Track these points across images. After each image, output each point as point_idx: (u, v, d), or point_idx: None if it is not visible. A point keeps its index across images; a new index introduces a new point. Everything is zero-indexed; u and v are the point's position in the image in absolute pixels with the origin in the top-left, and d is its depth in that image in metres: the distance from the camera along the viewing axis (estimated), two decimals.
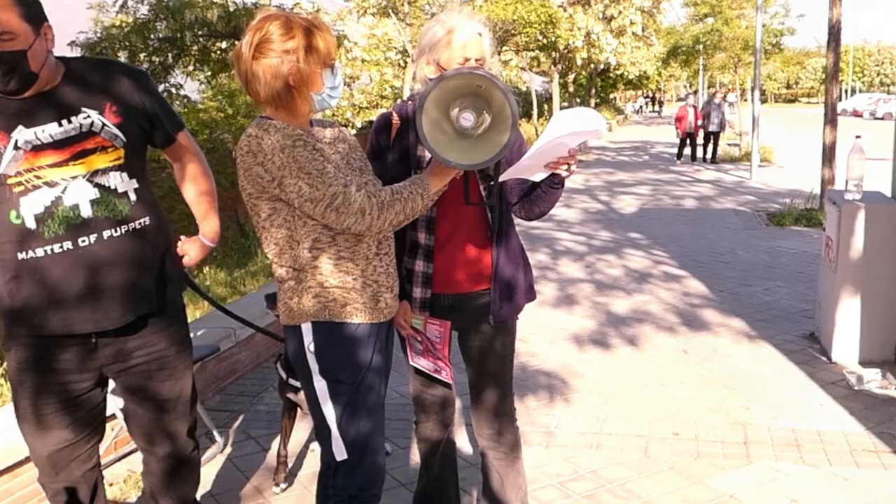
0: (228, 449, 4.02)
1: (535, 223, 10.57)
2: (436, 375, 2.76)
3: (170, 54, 8.96)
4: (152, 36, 8.60)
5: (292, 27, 2.15)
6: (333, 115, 14.60)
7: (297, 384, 3.37)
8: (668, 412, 4.33)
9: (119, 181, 2.41)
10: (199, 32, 8.97)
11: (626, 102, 61.10)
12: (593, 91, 38.75)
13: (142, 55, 8.93)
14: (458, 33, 2.50)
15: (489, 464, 2.88)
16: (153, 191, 2.66)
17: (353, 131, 14.71)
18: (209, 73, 9.93)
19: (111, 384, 2.67)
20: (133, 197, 2.44)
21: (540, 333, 5.80)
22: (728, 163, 19.16)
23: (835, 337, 4.98)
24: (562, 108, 26.50)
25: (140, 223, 2.45)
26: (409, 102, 2.68)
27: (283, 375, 3.58)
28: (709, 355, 5.25)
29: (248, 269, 8.37)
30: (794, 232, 9.80)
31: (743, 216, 11.18)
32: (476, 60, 2.48)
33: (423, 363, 2.75)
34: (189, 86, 10.85)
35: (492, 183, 2.48)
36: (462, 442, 3.83)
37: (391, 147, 2.61)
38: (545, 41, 18.68)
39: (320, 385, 2.29)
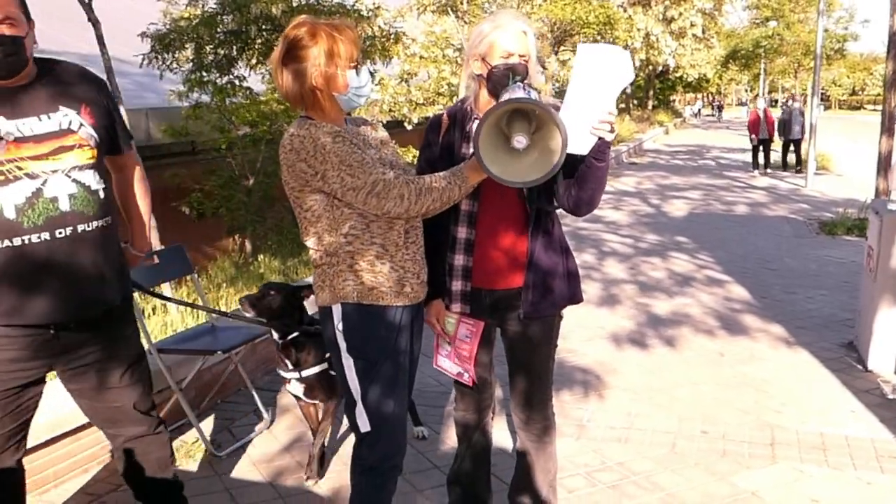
0: (276, 426, 4.25)
1: (583, 223, 10.75)
2: (458, 379, 2.94)
3: (234, 47, 9.22)
4: (219, 29, 8.87)
5: (316, 33, 2.37)
6: (391, 110, 14.84)
7: (291, 375, 3.54)
8: (699, 411, 4.44)
9: (93, 179, 2.52)
10: (264, 27, 9.23)
11: (685, 105, 60.39)
12: (651, 93, 38.52)
13: (208, 47, 9.20)
14: (503, 29, 2.65)
15: (521, 445, 3.04)
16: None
17: (410, 127, 14.90)
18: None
19: None
20: (102, 195, 2.56)
21: (579, 331, 5.93)
22: (783, 169, 18.92)
23: (872, 346, 5.02)
24: (618, 109, 26.57)
25: (106, 221, 2.58)
26: (461, 104, 2.86)
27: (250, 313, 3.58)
28: (745, 359, 5.33)
29: (301, 259, 8.64)
30: (844, 241, 9.73)
31: (794, 224, 11.12)
32: (519, 56, 2.62)
33: (447, 365, 2.93)
34: (251, 79, 11.13)
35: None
36: (500, 429, 3.99)
37: (439, 143, 2.80)
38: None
39: (348, 362, 2.50)
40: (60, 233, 2.43)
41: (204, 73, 9.17)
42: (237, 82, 9.34)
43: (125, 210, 2.93)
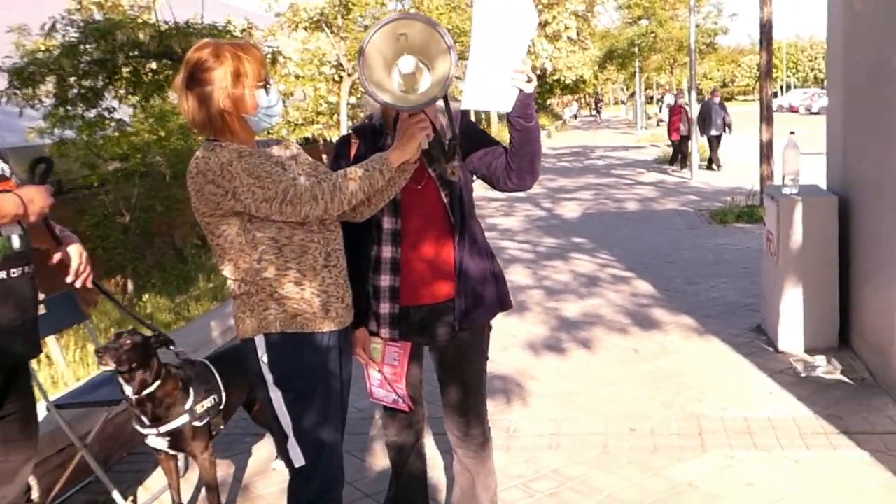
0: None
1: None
2: (393, 406, 2.91)
3: (100, 77, 8.92)
4: (82, 59, 8.56)
5: (220, 54, 2.33)
6: (269, 133, 14.62)
7: (150, 431, 3.31)
8: (624, 410, 4.53)
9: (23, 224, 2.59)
10: (132, 53, 8.98)
11: (563, 108, 62.00)
12: None
13: (71, 79, 8.88)
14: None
15: (459, 463, 3.02)
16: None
17: None
18: (141, 97, 9.92)
19: None
20: (17, 244, 2.59)
21: (493, 341, 5.94)
22: (667, 163, 19.67)
23: (780, 327, 5.25)
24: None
25: (31, 265, 2.64)
26: (368, 120, 2.84)
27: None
28: (659, 353, 5.48)
29: (190, 294, 8.39)
30: (736, 229, 10.17)
31: (686, 216, 11.55)
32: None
33: (381, 394, 2.90)
34: (122, 110, 10.82)
35: (452, 141, 2.54)
36: (432, 451, 3.96)
37: (350, 160, 2.75)
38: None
39: (276, 395, 2.44)
40: (13, 272, 2.55)
41: (69, 108, 8.83)
42: (106, 114, 9.01)
43: None
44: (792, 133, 5.45)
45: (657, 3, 24.68)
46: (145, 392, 3.22)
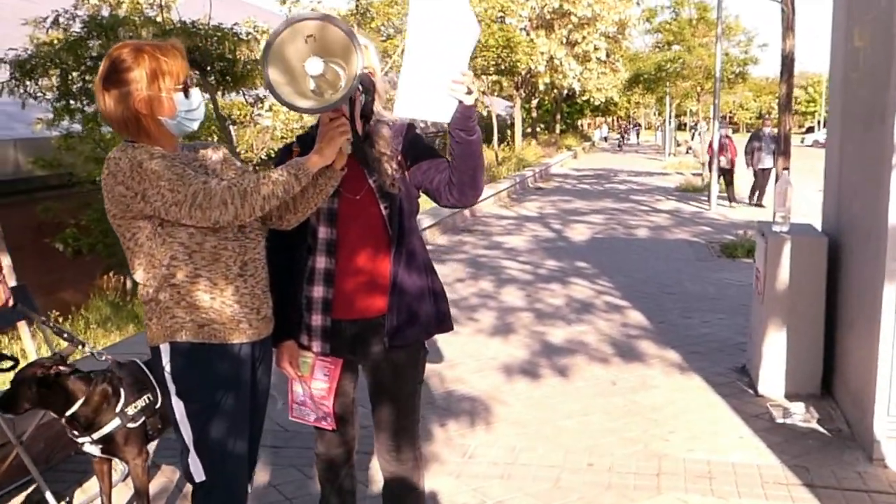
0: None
1: (482, 250, 10.79)
2: (318, 425, 2.86)
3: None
4: (85, 54, 8.61)
5: (138, 55, 2.30)
6: (283, 137, 14.65)
7: (83, 439, 3.26)
8: (587, 443, 4.44)
9: None
10: None
11: (594, 129, 61.86)
12: (558, 116, 39.37)
13: (74, 73, 8.93)
14: None
15: (387, 486, 2.95)
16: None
17: None
18: None
19: None
20: None
21: (469, 362, 5.90)
22: (690, 192, 19.52)
23: (761, 370, 5.14)
24: (524, 133, 26.60)
25: None
26: (313, 129, 2.80)
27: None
28: (637, 387, 5.38)
29: None
30: (744, 264, 10.01)
31: (696, 247, 11.42)
32: (363, 68, 2.60)
33: (304, 413, 2.84)
34: None
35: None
36: (360, 468, 3.91)
37: None
38: (504, 65, 18.95)
39: (178, 405, 2.40)
40: None
41: (71, 101, 8.88)
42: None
43: None
44: (786, 170, 5.35)
45: (686, 29, 24.56)
46: (68, 413, 3.20)
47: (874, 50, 4.43)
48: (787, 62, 10.61)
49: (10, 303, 3.36)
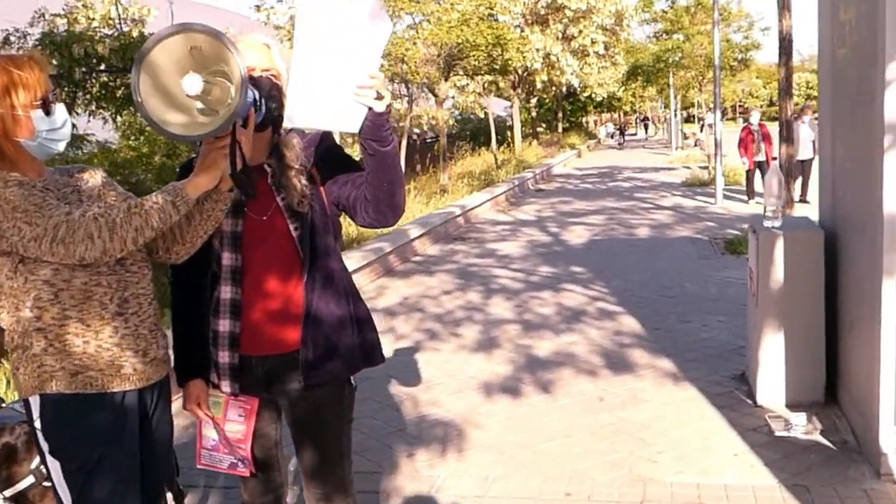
0: None
1: (474, 259, 10.52)
2: (231, 472, 2.61)
3: (63, 92, 8.74)
4: None
5: None
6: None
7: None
8: (567, 469, 4.16)
9: None
10: (100, 67, 8.83)
11: (600, 126, 61.48)
12: (560, 115, 39.10)
13: None
14: (241, 43, 2.38)
15: None
16: None
17: None
18: (113, 111, 9.77)
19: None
20: None
21: (447, 382, 5.62)
22: (696, 187, 19.20)
23: (759, 378, 4.85)
24: (522, 134, 26.33)
25: None
26: None
27: None
28: (625, 401, 5.09)
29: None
30: (748, 261, 9.71)
31: (699, 244, 11.11)
32: (263, 70, 2.36)
33: (215, 459, 2.60)
34: (94, 126, 10.71)
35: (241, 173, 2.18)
36: None
37: None
38: (494, 64, 18.68)
39: (54, 466, 2.15)
40: None
41: None
42: (74, 130, 8.83)
43: None
44: (774, 159, 5.06)
45: (684, 18, 24.22)
46: None
47: (860, 23, 4.14)
48: (785, 44, 10.29)
49: None
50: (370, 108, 2.20)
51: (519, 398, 5.27)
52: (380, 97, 2.19)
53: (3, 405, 3.13)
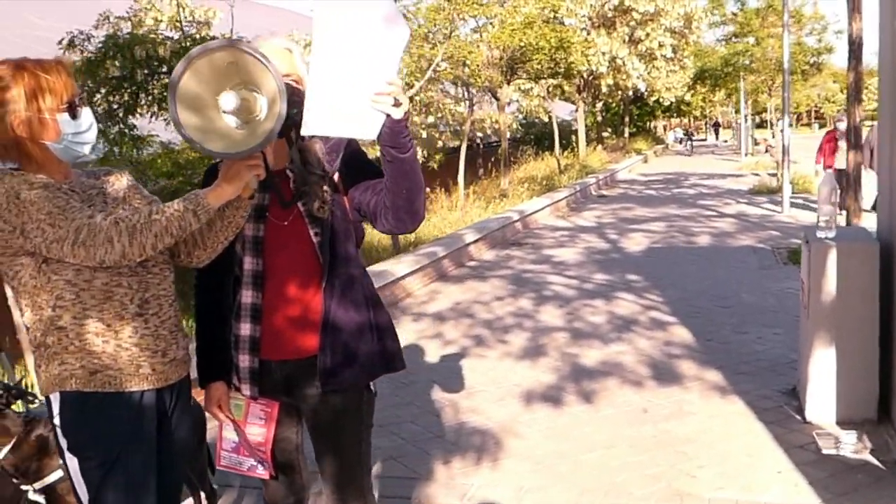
0: None
1: (528, 265, 10.48)
2: (250, 474, 2.65)
3: (126, 94, 8.94)
4: (104, 75, 8.58)
5: (15, 73, 2.13)
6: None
7: (27, 487, 3.13)
8: (605, 481, 4.11)
9: None
10: (161, 70, 9.02)
11: (668, 131, 60.59)
12: (627, 119, 38.72)
13: (97, 95, 8.93)
14: (261, 48, 2.42)
15: None
16: None
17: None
18: None
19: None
20: None
21: (490, 389, 5.62)
22: (763, 194, 18.82)
23: (809, 393, 4.73)
24: (587, 138, 26.08)
25: None
26: None
27: None
28: (670, 414, 5.02)
29: None
30: None
31: (761, 254, 10.90)
32: (284, 76, 2.39)
33: (235, 461, 2.64)
34: (156, 126, 10.98)
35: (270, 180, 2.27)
36: None
37: None
38: (558, 67, 18.57)
39: (72, 463, 2.22)
40: None
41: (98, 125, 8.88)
42: (127, 131, 9.01)
43: None
44: (828, 168, 4.94)
45: (754, 20, 23.73)
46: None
47: None
48: (855, 47, 10.02)
49: None
50: (388, 115, 2.22)
51: (561, 407, 5.24)
52: (397, 104, 2.19)
53: (39, 400, 3.23)
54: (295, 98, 2.36)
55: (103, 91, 8.92)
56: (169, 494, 2.43)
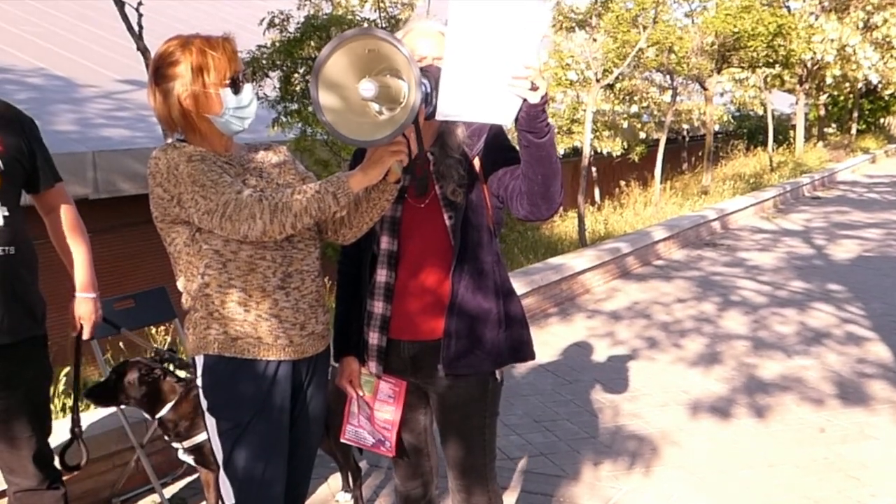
0: None
1: (720, 268, 10.21)
2: (374, 450, 2.80)
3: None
4: (302, 55, 9.04)
5: (184, 49, 2.33)
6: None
7: (177, 445, 3.48)
8: (758, 501, 4.03)
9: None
10: None
11: None
12: (856, 114, 36.51)
13: (295, 75, 9.42)
14: (413, 32, 2.56)
15: None
16: None
17: None
18: None
19: None
20: (1, 222, 2.75)
21: (655, 394, 5.58)
22: None
23: None
24: (807, 134, 24.69)
25: (6, 249, 2.76)
26: None
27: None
28: (849, 436, 4.81)
29: None
30: None
31: None
32: (434, 59, 2.47)
33: (360, 435, 2.79)
34: None
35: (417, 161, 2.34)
36: None
37: None
38: (776, 56, 17.77)
39: (210, 422, 2.43)
40: None
41: (287, 105, 9.37)
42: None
43: (61, 253, 3.10)
44: None
45: None
46: (158, 416, 3.39)
47: None
48: None
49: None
50: (524, 100, 2.28)
51: (727, 419, 5.13)
52: (534, 88, 2.23)
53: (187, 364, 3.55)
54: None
55: (301, 71, 9.40)
56: (301, 467, 2.63)
